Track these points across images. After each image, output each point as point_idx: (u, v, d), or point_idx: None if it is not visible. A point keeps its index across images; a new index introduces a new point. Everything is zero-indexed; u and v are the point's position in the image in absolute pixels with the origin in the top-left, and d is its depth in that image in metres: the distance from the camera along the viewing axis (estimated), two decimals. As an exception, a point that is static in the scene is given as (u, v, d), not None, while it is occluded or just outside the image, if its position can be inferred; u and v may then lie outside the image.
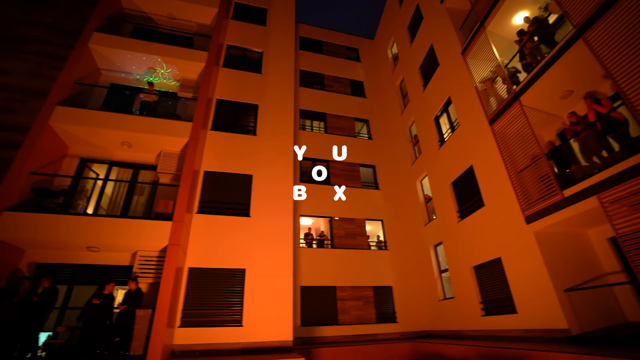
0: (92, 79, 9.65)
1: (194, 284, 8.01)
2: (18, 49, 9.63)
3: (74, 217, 7.19)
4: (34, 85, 9.16)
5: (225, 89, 10.98)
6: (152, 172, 8.95)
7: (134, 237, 7.21)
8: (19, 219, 6.75)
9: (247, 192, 9.31)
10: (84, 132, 8.23)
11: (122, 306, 6.76)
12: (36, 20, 10.35)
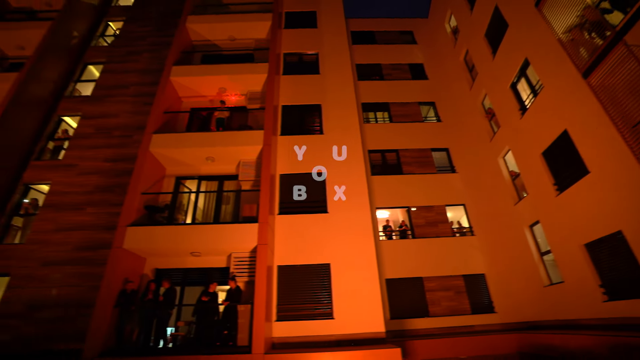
0: (176, 107, 11.00)
1: (284, 281, 8.50)
2: (122, 94, 11.49)
3: (177, 227, 8.30)
4: (136, 121, 10.81)
5: (288, 95, 11.49)
6: (235, 181, 9.80)
7: (226, 240, 7.99)
8: (138, 233, 8.01)
9: (321, 189, 9.58)
10: (175, 153, 9.41)
11: (225, 302, 7.51)
12: (131, 68, 12.21)
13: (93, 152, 10.31)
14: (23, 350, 7.70)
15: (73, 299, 8.38)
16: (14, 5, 13.89)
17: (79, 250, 8.92)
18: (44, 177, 10.04)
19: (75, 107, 11.47)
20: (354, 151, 10.46)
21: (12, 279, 8.56)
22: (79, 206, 9.45)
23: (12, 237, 9.40)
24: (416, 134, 13.34)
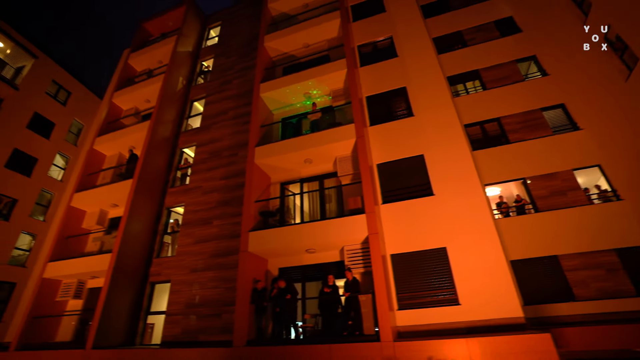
0: (269, 121, 11.96)
1: (399, 270, 8.34)
2: (223, 120, 13.07)
3: (287, 228, 8.92)
4: (238, 140, 12.13)
5: (370, 85, 11.38)
6: (334, 178, 10.11)
7: (335, 234, 8.25)
8: (257, 236, 8.91)
9: (423, 172, 9.14)
10: (276, 161, 10.21)
11: (346, 293, 7.73)
12: (227, 95, 13.81)
13: (210, 173, 11.93)
14: (189, 340, 9.27)
15: (216, 298, 9.76)
16: (138, 70, 17.22)
17: (214, 258, 10.36)
18: (178, 200, 12.03)
19: (190, 139, 13.49)
20: (450, 127, 9.73)
21: (172, 285, 10.45)
22: (208, 220, 11.01)
23: (165, 251, 11.52)
24: (519, 96, 11.68)
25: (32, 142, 19.29)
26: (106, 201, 12.47)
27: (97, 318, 9.46)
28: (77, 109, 22.43)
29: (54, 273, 11.47)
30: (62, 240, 12.12)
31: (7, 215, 17.56)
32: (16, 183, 18.14)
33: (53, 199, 20.13)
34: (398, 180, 9.45)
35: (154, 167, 12.30)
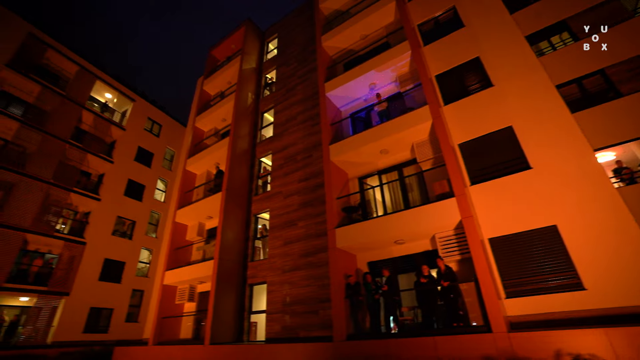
0: (338, 118, 12.04)
1: (502, 254, 7.56)
2: (293, 125, 13.59)
3: (372, 221, 8.79)
4: (310, 142, 12.47)
5: (439, 62, 10.66)
6: (413, 166, 9.71)
7: (423, 222, 7.87)
8: (344, 233, 9.00)
9: (514, 144, 8.18)
10: (351, 156, 10.20)
11: (445, 282, 7.30)
12: (293, 101, 14.35)
13: (289, 178, 12.48)
14: (290, 336, 9.78)
15: (309, 296, 10.11)
16: (212, 94, 19.00)
17: (303, 257, 10.77)
18: (263, 207, 12.85)
19: (266, 148, 14.32)
20: (541, 90, 8.55)
21: (268, 285, 11.18)
22: (292, 223, 11.52)
23: (258, 255, 12.40)
24: (626, 38, 9.72)
25: (140, 172, 22.66)
26: (202, 214, 13.96)
27: (210, 318, 10.59)
28: (167, 138, 25.69)
29: (171, 280, 13.21)
30: (173, 252, 13.92)
31: (130, 235, 20.91)
32: (133, 207, 21.50)
33: (160, 218, 23.33)
34: (485, 158, 8.61)
35: (238, 179, 13.36)
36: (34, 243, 16.91)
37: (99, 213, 19.59)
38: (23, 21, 18.66)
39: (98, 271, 18.76)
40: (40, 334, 16.25)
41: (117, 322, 19.09)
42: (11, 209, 15.66)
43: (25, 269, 16.45)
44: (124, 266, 20.17)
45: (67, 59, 20.28)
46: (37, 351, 14.88)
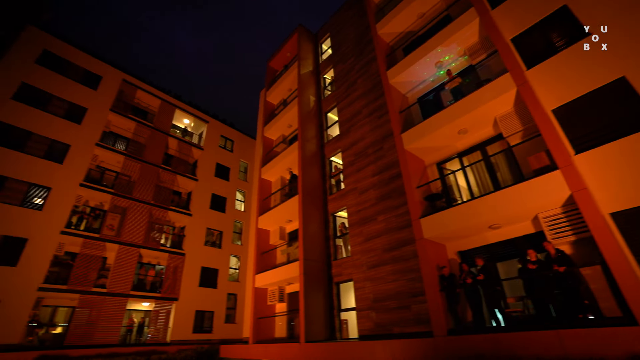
0: (405, 105, 11.53)
1: (631, 230, 6.33)
2: (359, 120, 13.44)
3: (462, 206, 8.12)
4: (379, 134, 12.18)
5: (513, 24, 9.46)
6: (497, 143, 8.78)
7: (523, 202, 6.99)
8: (429, 222, 8.52)
9: (630, 98, 6.78)
10: (426, 142, 9.64)
11: (561, 267, 6.37)
12: (355, 96, 14.21)
13: (361, 173, 12.34)
14: (383, 333, 9.56)
15: (399, 291, 9.79)
16: (275, 103, 19.87)
17: (387, 252, 10.50)
18: (339, 205, 12.92)
19: (334, 147, 14.40)
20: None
21: (355, 282, 11.16)
22: (372, 218, 11.33)
23: (340, 253, 12.49)
24: None
25: (220, 186, 24.76)
26: (282, 218, 14.60)
27: (303, 317, 10.96)
28: (240, 152, 27.63)
29: (261, 283, 14.05)
30: (260, 256, 14.81)
31: (220, 244, 22.95)
32: (218, 219, 23.57)
33: (242, 226, 25.15)
34: (588, 122, 7.33)
35: (312, 181, 13.66)
36: (146, 257, 19.57)
37: (191, 226, 21.88)
38: (119, 71, 21.85)
39: (197, 278, 20.92)
40: (161, 333, 18.73)
41: (218, 323, 21.03)
42: (127, 230, 18.37)
43: (142, 278, 19.15)
44: (218, 273, 22.17)
45: (152, 95, 23.14)
46: (160, 348, 17.15)
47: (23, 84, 17.48)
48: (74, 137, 18.43)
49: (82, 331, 15.47)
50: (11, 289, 14.27)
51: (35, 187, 16.45)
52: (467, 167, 9.23)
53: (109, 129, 20.83)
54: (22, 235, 15.24)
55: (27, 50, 18.19)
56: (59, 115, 18.35)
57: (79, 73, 20.11)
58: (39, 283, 15.02)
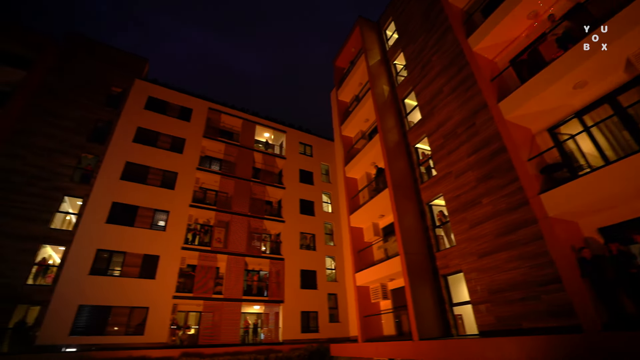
0: (495, 71, 10.18)
1: None
2: (441, 100, 12.43)
3: (591, 175, 6.71)
4: (468, 110, 11.03)
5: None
6: (635, 89, 7.03)
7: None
8: (552, 197, 7.27)
9: None
10: (531, 106, 8.29)
11: None
12: (432, 75, 13.21)
13: (454, 155, 11.32)
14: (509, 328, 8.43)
15: (522, 280, 8.57)
16: (348, 101, 19.82)
17: (499, 237, 9.34)
18: (434, 193, 12.07)
19: (418, 133, 13.58)
20: None
21: (465, 274, 10.22)
22: (474, 202, 10.26)
23: (442, 244, 11.63)
24: None
25: (306, 191, 25.70)
26: (374, 214, 14.32)
27: (412, 313, 10.47)
28: (319, 155, 28.30)
29: (362, 281, 13.97)
30: (356, 255, 14.77)
31: (314, 247, 23.77)
32: (309, 223, 24.46)
33: (333, 227, 25.62)
34: None
35: (399, 172, 13.08)
36: (251, 264, 21.35)
37: (286, 232, 23.13)
38: (204, 101, 24.56)
39: (298, 281, 21.96)
40: (274, 333, 20.17)
41: (323, 322, 21.70)
42: (232, 241, 20.34)
43: (250, 284, 20.95)
44: (316, 274, 22.95)
45: (234, 116, 25.34)
46: (274, 347, 18.43)
47: (139, 128, 20.84)
48: (179, 165, 21.22)
49: (209, 332, 17.58)
50: (155, 297, 17.00)
51: (158, 212, 19.37)
52: (592, 127, 7.63)
53: (204, 153, 23.46)
54: (155, 253, 18.07)
55: (137, 99, 21.69)
56: (165, 148, 21.36)
57: (175, 110, 23.17)
58: (172, 292, 17.58)
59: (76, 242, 16.22)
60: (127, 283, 16.71)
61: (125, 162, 19.34)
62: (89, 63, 21.43)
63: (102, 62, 21.99)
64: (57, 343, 14.18)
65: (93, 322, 15.37)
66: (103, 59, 22.20)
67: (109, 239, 17.11)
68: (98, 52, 22.34)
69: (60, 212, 17.28)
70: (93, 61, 21.66)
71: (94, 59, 21.79)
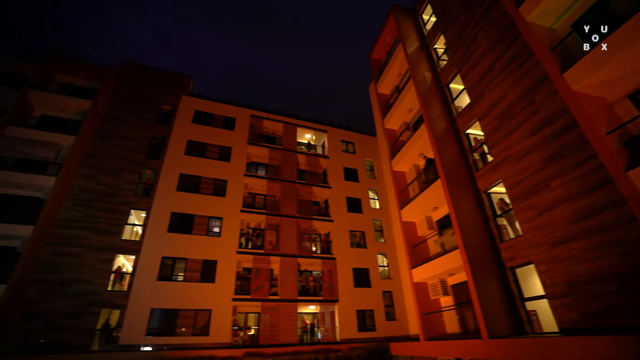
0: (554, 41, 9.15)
1: None
2: (491, 80, 11.51)
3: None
4: (524, 86, 10.04)
5: None
6: None
7: None
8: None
9: None
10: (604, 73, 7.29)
11: None
12: (478, 54, 12.27)
13: (512, 137, 10.39)
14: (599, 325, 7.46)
15: (608, 270, 7.55)
16: (388, 93, 19.23)
17: (575, 224, 8.35)
18: (492, 180, 11.18)
19: (467, 117, 12.71)
20: None
21: (536, 265, 9.30)
22: (541, 185, 9.30)
23: (506, 234, 10.73)
24: None
25: (352, 189, 25.43)
26: (426, 207, 13.68)
27: (479, 310, 9.78)
28: (362, 151, 27.86)
29: (419, 277, 13.41)
30: (411, 250, 14.22)
31: (364, 244, 23.45)
32: (357, 220, 24.18)
33: (382, 223, 25.06)
34: None
35: (450, 161, 12.36)
36: (303, 264, 21.60)
37: (335, 231, 23.07)
38: (246, 109, 25.44)
39: (351, 279, 21.77)
40: (331, 333, 20.19)
41: (379, 321, 21.26)
42: (283, 243, 20.76)
43: (304, 285, 21.19)
44: (369, 272, 22.56)
45: (275, 121, 25.88)
46: (333, 346, 18.41)
47: (189, 141, 22.16)
48: (228, 173, 22.15)
49: (269, 333, 18.07)
50: (216, 300, 17.90)
51: (213, 219, 20.38)
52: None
53: (250, 159, 24.25)
54: (213, 258, 19.03)
55: (185, 114, 23.08)
56: (214, 158, 22.43)
57: (220, 120, 24.26)
58: (232, 294, 18.37)
59: (144, 251, 17.63)
60: (190, 287, 17.79)
61: (179, 174, 20.64)
62: (141, 86, 23.30)
63: (152, 84, 23.78)
64: (135, 343, 15.51)
65: (164, 324, 16.58)
66: (152, 81, 23.99)
67: (171, 246, 18.37)
68: (147, 75, 24.18)
69: (128, 224, 18.93)
70: (144, 84, 23.51)
71: (145, 82, 23.64)
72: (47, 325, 15.09)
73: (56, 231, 17.05)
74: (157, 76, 24.52)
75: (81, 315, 15.80)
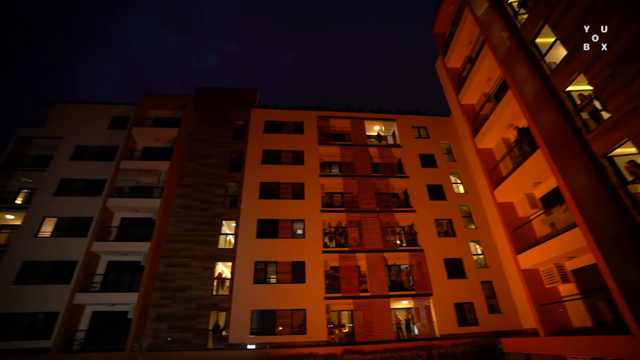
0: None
1: None
2: (592, 22, 9.52)
3: None
4: None
5: None
6: None
7: None
8: None
9: None
10: None
11: None
12: None
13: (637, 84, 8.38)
14: None
15: None
16: (458, 66, 17.55)
17: None
18: (614, 139, 9.17)
19: (567, 72, 10.75)
20: None
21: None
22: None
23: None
24: None
25: (431, 175, 23.87)
26: (526, 184, 12.00)
27: (620, 298, 8.10)
28: (436, 134, 25.98)
29: (527, 264, 11.80)
30: (512, 234, 12.62)
31: (453, 233, 21.75)
32: (442, 208, 22.58)
33: (470, 208, 22.97)
34: None
35: (550, 127, 10.59)
36: (390, 259, 20.98)
37: (418, 222, 21.89)
38: (312, 111, 25.93)
39: (444, 271, 20.36)
40: (428, 328, 19.15)
41: (481, 314, 19.42)
42: (366, 238, 20.48)
43: (394, 279, 20.56)
44: (462, 262, 20.83)
45: (341, 118, 25.79)
46: (433, 342, 17.41)
47: (263, 150, 23.44)
48: (303, 175, 22.76)
49: (364, 330, 17.92)
50: (309, 299, 18.46)
51: (295, 222, 21.13)
52: None
53: (322, 159, 24.55)
54: (300, 259, 19.70)
55: (257, 126, 24.49)
56: (289, 163, 23.28)
57: (289, 126, 25.12)
58: (323, 293, 18.73)
59: (238, 258, 19.12)
60: (283, 288, 18.68)
61: (259, 183, 21.92)
62: (215, 107, 25.53)
63: (224, 103, 25.84)
64: (242, 342, 16.87)
65: (264, 323, 17.70)
66: (224, 100, 26.05)
67: (261, 251, 19.57)
68: (219, 96, 26.33)
69: (222, 234, 20.78)
70: (218, 104, 25.68)
71: (218, 103, 25.80)
72: (171, 326, 17.41)
73: (167, 245, 19.62)
74: (227, 95, 26.56)
75: (195, 317, 17.83)
